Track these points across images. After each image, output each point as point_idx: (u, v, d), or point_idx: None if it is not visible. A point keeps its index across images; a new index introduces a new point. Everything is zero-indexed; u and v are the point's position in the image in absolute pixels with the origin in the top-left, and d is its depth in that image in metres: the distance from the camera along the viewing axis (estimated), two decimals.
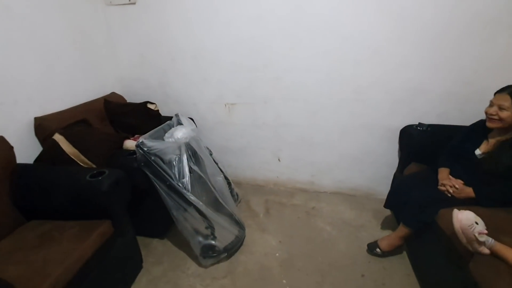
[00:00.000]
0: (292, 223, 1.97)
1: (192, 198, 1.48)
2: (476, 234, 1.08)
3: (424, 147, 1.76)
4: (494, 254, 1.08)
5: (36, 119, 1.62)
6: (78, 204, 1.32)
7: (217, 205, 1.67)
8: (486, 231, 1.09)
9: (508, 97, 1.32)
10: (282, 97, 2.06)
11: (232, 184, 2.12)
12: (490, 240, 1.09)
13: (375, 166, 2.10)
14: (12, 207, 1.35)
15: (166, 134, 1.63)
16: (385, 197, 1.74)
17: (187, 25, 2.00)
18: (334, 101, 1.97)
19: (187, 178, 1.50)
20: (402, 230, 1.54)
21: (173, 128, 1.67)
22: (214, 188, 1.68)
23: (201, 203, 1.51)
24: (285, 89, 2.03)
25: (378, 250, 1.62)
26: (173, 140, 1.57)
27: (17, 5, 1.53)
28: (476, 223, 1.10)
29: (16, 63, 1.54)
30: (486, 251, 1.09)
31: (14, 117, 1.54)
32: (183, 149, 1.57)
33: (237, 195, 2.17)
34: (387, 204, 1.72)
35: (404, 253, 1.65)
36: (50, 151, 1.52)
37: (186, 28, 2.02)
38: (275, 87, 2.04)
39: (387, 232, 1.79)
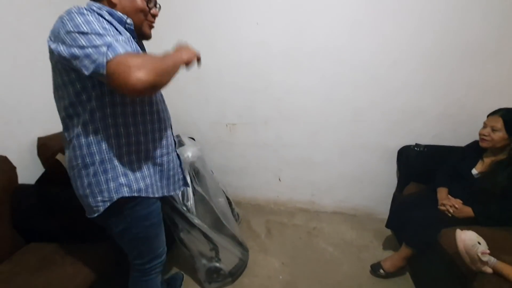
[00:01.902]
0: (294, 244, 1.95)
1: (196, 221, 1.47)
2: (479, 254, 1.10)
3: (422, 167, 1.81)
4: (496, 273, 1.10)
5: (39, 139, 1.62)
6: (80, 226, 1.29)
7: (219, 226, 1.65)
8: (488, 251, 1.12)
9: (500, 119, 1.40)
10: (282, 118, 2.11)
11: (232, 204, 2.12)
12: (492, 260, 1.11)
13: (374, 185, 2.13)
14: (12, 229, 1.32)
15: None
16: (385, 216, 1.76)
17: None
18: (333, 122, 2.03)
19: (191, 201, 1.49)
20: (404, 250, 1.55)
21: (181, 148, 1.68)
22: (217, 209, 1.67)
23: (205, 226, 1.50)
24: (285, 110, 2.08)
25: (381, 271, 1.61)
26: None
27: (24, 27, 1.55)
28: (479, 243, 1.13)
29: (20, 84, 1.55)
30: (489, 270, 1.11)
31: (17, 137, 1.54)
32: (187, 170, 1.58)
33: (237, 215, 2.16)
34: (389, 224, 1.73)
35: (407, 273, 1.65)
36: (52, 171, 1.51)
37: None
38: (275, 108, 2.10)
39: (389, 253, 1.79)
